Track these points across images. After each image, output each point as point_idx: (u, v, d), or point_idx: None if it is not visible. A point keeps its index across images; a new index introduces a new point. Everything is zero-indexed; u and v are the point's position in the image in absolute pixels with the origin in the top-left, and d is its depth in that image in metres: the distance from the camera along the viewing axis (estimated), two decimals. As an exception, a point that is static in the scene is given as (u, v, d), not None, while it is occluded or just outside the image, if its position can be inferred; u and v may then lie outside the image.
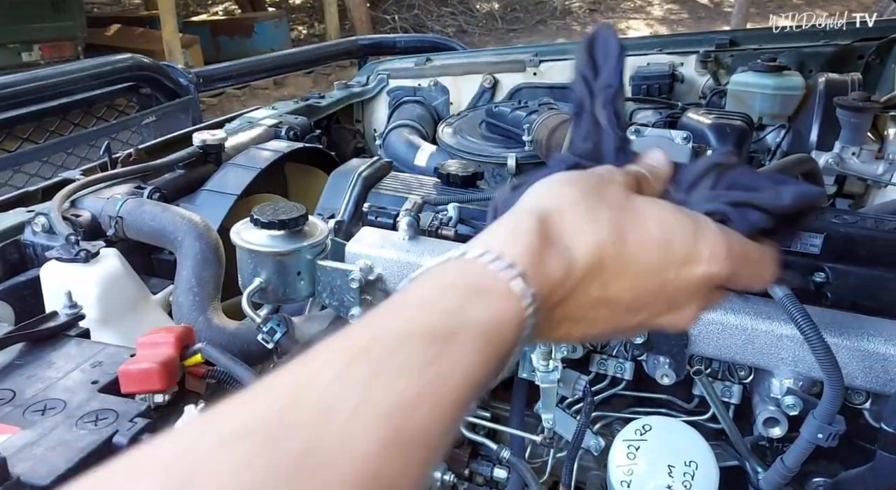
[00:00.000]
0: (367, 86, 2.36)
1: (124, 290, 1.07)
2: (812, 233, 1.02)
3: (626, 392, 1.07)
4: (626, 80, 2.08)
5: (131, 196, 1.22)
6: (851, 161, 1.52)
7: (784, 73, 1.71)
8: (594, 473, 1.10)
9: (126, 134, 1.98)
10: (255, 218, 1.02)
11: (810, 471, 1.00)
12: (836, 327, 0.87)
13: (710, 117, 1.47)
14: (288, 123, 1.71)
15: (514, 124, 1.80)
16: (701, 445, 0.94)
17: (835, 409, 0.81)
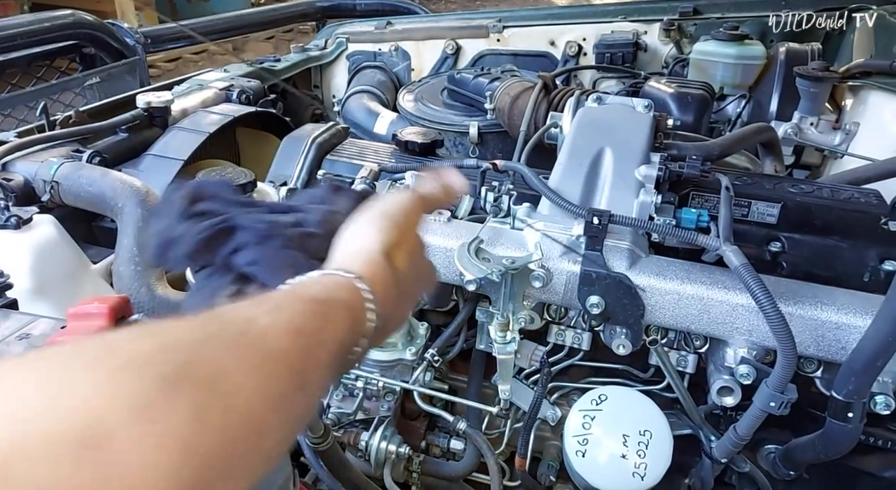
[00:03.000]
0: (326, 50, 2.28)
1: (60, 259, 1.01)
2: (769, 202, 1.02)
3: (584, 363, 1.07)
4: (589, 48, 2.07)
5: (68, 160, 1.15)
6: (809, 131, 1.52)
7: (745, 42, 1.70)
8: (551, 443, 1.09)
9: (69, 96, 1.87)
10: (199, 183, 0.97)
11: (762, 438, 1.02)
12: (790, 297, 0.87)
13: (672, 86, 1.46)
14: (240, 87, 1.63)
15: (476, 92, 1.76)
16: (655, 415, 0.94)
17: (787, 378, 0.81)
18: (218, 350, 0.35)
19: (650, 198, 0.96)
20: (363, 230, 0.55)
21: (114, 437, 0.28)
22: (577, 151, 1.04)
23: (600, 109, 1.15)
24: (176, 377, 0.32)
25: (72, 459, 0.27)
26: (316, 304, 0.44)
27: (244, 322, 0.38)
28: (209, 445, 0.32)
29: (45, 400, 0.28)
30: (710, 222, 0.95)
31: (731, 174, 1.07)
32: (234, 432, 0.34)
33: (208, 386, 0.33)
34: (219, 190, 0.63)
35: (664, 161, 0.99)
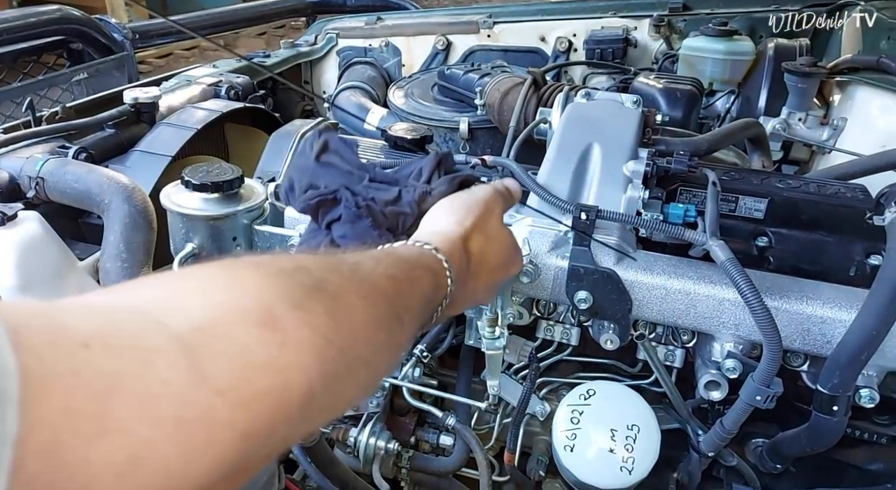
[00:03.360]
0: (316, 46, 2.27)
1: (46, 256, 1.00)
2: (756, 197, 1.02)
3: (573, 358, 1.07)
4: (579, 44, 2.07)
5: (54, 156, 1.14)
6: (798, 127, 1.53)
7: (734, 37, 1.71)
8: (540, 438, 1.10)
9: (56, 92, 1.85)
10: (186, 180, 0.96)
11: (750, 432, 1.02)
12: (776, 291, 0.87)
13: (661, 82, 1.46)
14: (229, 82, 1.62)
15: (466, 87, 1.75)
16: (643, 409, 0.94)
17: (773, 372, 0.82)
18: (337, 276, 0.44)
19: (638, 193, 0.96)
20: (445, 215, 0.65)
21: (280, 318, 0.37)
22: (566, 147, 1.04)
23: (589, 105, 1.15)
24: (313, 287, 0.40)
25: (256, 332, 0.35)
26: (405, 262, 0.54)
27: (353, 263, 0.48)
28: (340, 341, 0.40)
29: (227, 289, 0.37)
30: (698, 217, 0.95)
31: (719, 169, 1.07)
32: (354, 338, 0.42)
33: (334, 298, 0.41)
34: (343, 150, 0.77)
35: (652, 156, 0.99)
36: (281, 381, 0.35)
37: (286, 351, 0.36)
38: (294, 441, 0.43)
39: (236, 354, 0.34)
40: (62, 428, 0.26)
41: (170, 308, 0.34)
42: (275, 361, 0.35)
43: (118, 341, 0.30)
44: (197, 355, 0.32)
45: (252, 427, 0.33)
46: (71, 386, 0.27)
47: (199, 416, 0.31)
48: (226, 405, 0.32)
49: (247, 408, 0.33)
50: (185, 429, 0.30)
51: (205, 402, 0.31)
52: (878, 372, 0.86)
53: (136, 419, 0.28)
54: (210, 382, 0.32)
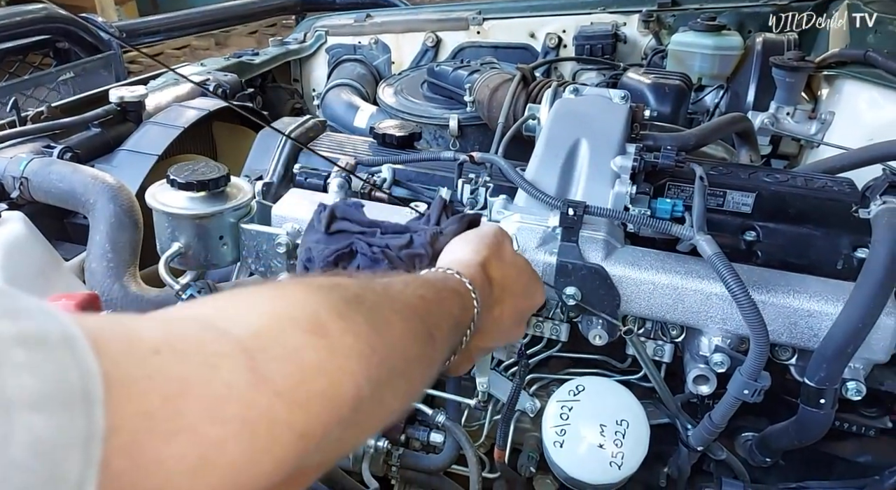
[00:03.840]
0: (305, 43, 2.26)
1: (31, 256, 0.99)
2: (744, 192, 1.02)
3: (562, 353, 1.07)
4: (569, 40, 2.07)
5: (38, 155, 1.13)
6: (786, 121, 1.53)
7: (723, 32, 1.71)
8: (531, 435, 1.09)
9: (43, 92, 1.84)
10: (171, 178, 0.96)
11: (740, 426, 1.02)
12: (763, 285, 0.87)
13: (650, 77, 1.46)
14: (216, 81, 1.61)
15: (455, 84, 1.75)
16: (632, 404, 0.94)
17: (760, 366, 0.82)
18: (371, 293, 0.47)
19: (625, 188, 0.96)
20: (461, 247, 0.69)
21: (327, 326, 0.39)
22: (553, 143, 1.04)
23: (577, 101, 1.15)
24: (353, 301, 0.43)
25: (307, 338, 0.38)
26: (431, 285, 0.56)
27: (384, 283, 0.51)
28: (381, 350, 0.42)
29: (276, 300, 0.40)
30: (685, 212, 0.95)
31: (707, 164, 1.07)
32: (392, 348, 0.44)
33: (371, 311, 0.44)
34: (351, 213, 0.82)
35: (639, 152, 0.99)
36: (332, 384, 0.37)
37: (335, 355, 0.38)
38: (344, 447, 0.43)
39: (291, 358, 0.36)
40: (140, 429, 0.28)
41: (227, 317, 0.37)
42: (326, 365, 0.38)
43: (185, 347, 0.32)
44: (256, 359, 0.34)
45: (309, 427, 0.35)
46: (146, 390, 0.29)
47: (261, 416, 0.33)
48: (284, 405, 0.34)
49: (304, 408, 0.35)
50: (249, 428, 0.32)
51: (266, 403, 0.33)
52: (864, 364, 0.87)
53: (205, 419, 0.30)
54: (269, 384, 0.34)
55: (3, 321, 0.25)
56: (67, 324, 0.27)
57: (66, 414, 0.25)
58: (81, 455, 0.25)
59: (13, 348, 0.24)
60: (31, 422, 0.23)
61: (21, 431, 0.23)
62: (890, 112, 1.41)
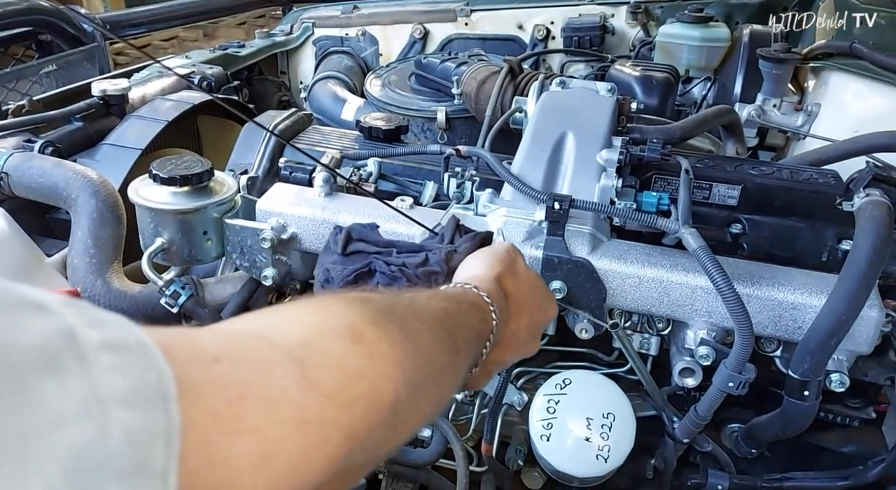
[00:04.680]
0: (292, 35, 2.24)
1: (11, 252, 0.98)
2: (730, 184, 1.02)
3: (549, 347, 1.07)
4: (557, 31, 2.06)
5: (19, 150, 1.11)
6: (772, 113, 1.53)
7: (710, 24, 1.71)
8: (519, 428, 1.10)
9: (25, 84, 1.81)
10: (154, 173, 0.94)
11: (726, 418, 1.03)
12: (748, 278, 0.87)
13: (637, 69, 1.46)
14: (201, 73, 1.60)
15: (443, 76, 1.74)
16: (619, 397, 0.94)
17: (744, 358, 0.82)
18: (400, 306, 0.49)
19: (611, 182, 0.96)
20: (476, 264, 0.71)
21: (365, 335, 0.42)
22: (540, 136, 1.04)
23: (563, 93, 1.15)
24: (385, 312, 0.45)
25: (348, 345, 0.41)
26: (452, 298, 0.58)
27: (409, 297, 0.52)
28: (413, 357, 0.45)
29: (316, 313, 0.43)
30: (671, 205, 0.95)
31: (693, 157, 1.07)
32: (424, 356, 0.47)
33: (402, 322, 0.46)
34: (367, 234, 0.85)
35: (625, 145, 0.99)
36: (374, 387, 0.41)
37: (375, 361, 0.42)
38: (384, 449, 0.45)
39: (336, 364, 0.39)
40: (209, 428, 0.31)
41: (275, 328, 0.40)
42: (367, 370, 0.41)
43: (242, 356, 0.35)
44: (305, 365, 0.37)
45: (355, 429, 0.38)
46: (212, 393, 0.32)
47: (314, 417, 0.36)
48: (333, 408, 0.37)
49: (350, 410, 0.38)
50: (303, 429, 0.35)
51: (317, 405, 0.36)
52: (848, 356, 0.87)
53: (265, 420, 0.33)
54: (319, 388, 0.37)
55: (90, 330, 0.27)
56: (140, 332, 0.30)
57: (150, 409, 0.28)
58: (164, 446, 0.28)
59: (101, 353, 0.27)
60: (122, 416, 0.26)
61: (115, 424, 0.26)
62: (875, 103, 1.42)
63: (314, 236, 1.02)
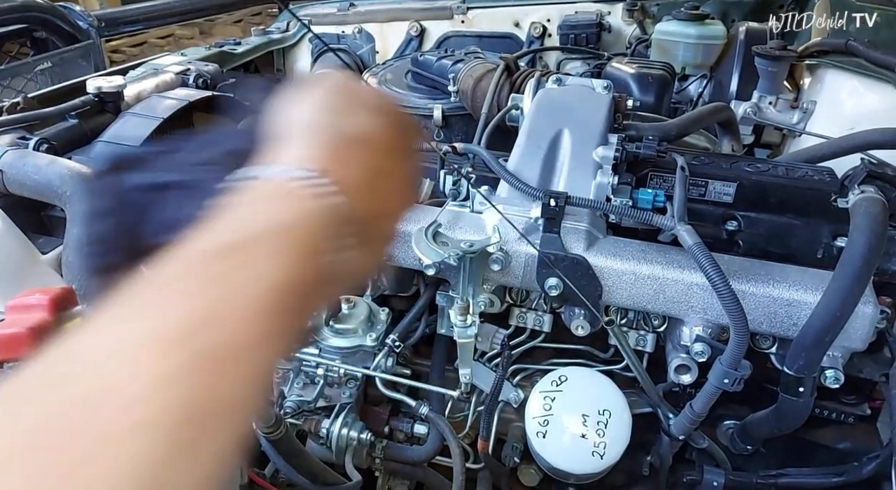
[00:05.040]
0: (288, 32, 2.23)
1: (6, 250, 0.98)
2: (726, 181, 1.02)
3: (545, 344, 1.07)
4: (553, 29, 2.06)
5: (13, 147, 1.11)
6: (768, 110, 1.54)
7: (706, 21, 1.71)
8: (515, 425, 1.10)
9: (20, 82, 1.81)
10: (149, 170, 0.94)
11: (722, 414, 1.03)
12: (743, 274, 0.88)
13: (633, 67, 1.46)
14: (197, 70, 1.59)
15: (439, 74, 1.73)
16: (615, 394, 0.94)
17: (740, 355, 0.82)
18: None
19: (607, 179, 0.96)
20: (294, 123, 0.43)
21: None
22: (536, 133, 1.04)
23: (559, 91, 1.15)
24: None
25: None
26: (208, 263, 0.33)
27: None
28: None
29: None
30: (667, 202, 0.95)
31: (689, 154, 1.07)
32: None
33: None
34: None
35: (621, 142, 0.99)
36: None
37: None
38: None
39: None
40: None
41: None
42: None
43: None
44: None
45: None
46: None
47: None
48: None
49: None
50: None
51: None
52: (843, 353, 0.87)
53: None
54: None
55: None
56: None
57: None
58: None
59: None
60: None
61: None
62: (871, 101, 1.42)
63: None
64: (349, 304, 1.02)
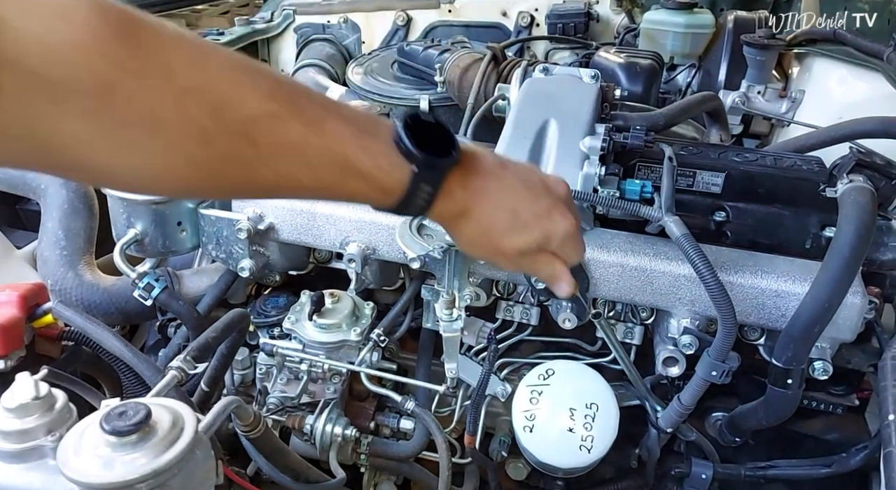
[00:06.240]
0: (272, 22, 2.20)
1: (-21, 246, 0.95)
2: (714, 171, 1.01)
3: (533, 337, 1.06)
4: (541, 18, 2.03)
5: (-14, 140, 1.08)
6: (757, 100, 1.52)
7: (695, 10, 1.69)
8: (503, 419, 1.09)
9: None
10: (125, 163, 0.92)
11: (710, 406, 1.02)
12: (731, 266, 0.87)
13: (621, 56, 1.44)
14: (178, 61, 1.56)
15: (425, 64, 1.71)
16: (602, 387, 0.93)
17: (727, 347, 0.81)
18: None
19: (594, 169, 0.94)
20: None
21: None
22: (522, 123, 1.02)
23: (546, 80, 1.13)
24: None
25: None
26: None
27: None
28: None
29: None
30: (654, 193, 0.94)
31: (677, 144, 1.06)
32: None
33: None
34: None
35: (609, 132, 0.97)
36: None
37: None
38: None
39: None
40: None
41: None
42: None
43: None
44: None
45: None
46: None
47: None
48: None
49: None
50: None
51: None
52: (831, 344, 0.87)
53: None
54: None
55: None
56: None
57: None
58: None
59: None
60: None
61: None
62: (859, 89, 1.41)
63: (292, 227, 1.00)
64: (333, 298, 1.00)
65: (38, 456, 0.53)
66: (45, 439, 0.53)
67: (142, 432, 0.49)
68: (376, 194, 0.52)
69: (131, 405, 0.50)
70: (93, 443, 0.49)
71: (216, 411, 0.56)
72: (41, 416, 0.54)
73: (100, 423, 0.48)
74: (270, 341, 0.97)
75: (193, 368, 0.69)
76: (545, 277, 0.66)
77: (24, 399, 0.53)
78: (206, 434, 0.54)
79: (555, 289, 0.66)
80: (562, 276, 0.65)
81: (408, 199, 0.53)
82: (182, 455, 0.49)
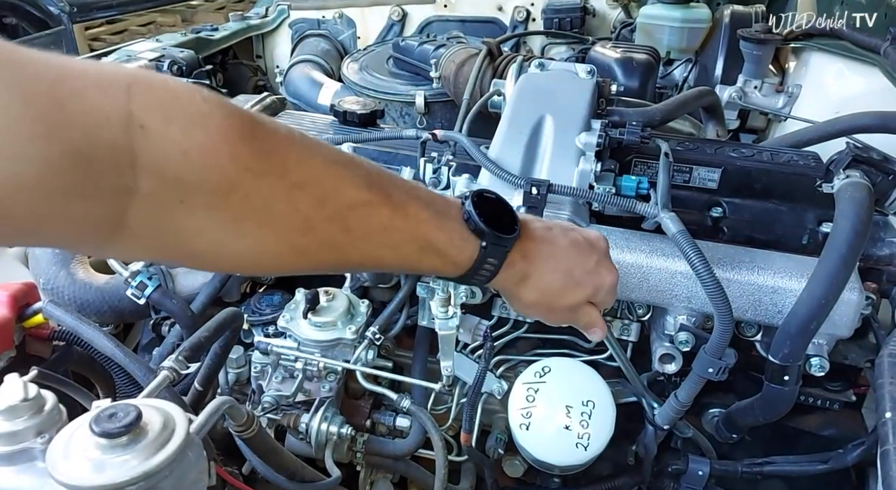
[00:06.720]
0: (267, 18, 2.19)
1: (-30, 246, 0.94)
2: (710, 167, 1.01)
3: (529, 334, 1.05)
4: (537, 13, 2.03)
5: (-23, 138, 1.07)
6: (753, 95, 1.52)
7: (691, 5, 1.69)
8: (499, 416, 1.08)
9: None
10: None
11: (707, 403, 1.02)
12: (727, 262, 0.86)
13: (618, 51, 1.43)
14: (172, 57, 1.55)
15: (421, 59, 1.70)
16: (598, 384, 0.93)
17: (724, 344, 0.81)
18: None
19: (590, 166, 0.94)
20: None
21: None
22: (518, 119, 1.02)
23: (542, 76, 1.12)
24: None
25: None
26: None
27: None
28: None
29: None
30: (650, 189, 0.93)
31: (673, 140, 1.06)
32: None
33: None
34: None
35: (605, 128, 0.97)
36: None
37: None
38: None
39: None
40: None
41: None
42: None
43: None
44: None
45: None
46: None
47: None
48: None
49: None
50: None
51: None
52: (828, 340, 0.86)
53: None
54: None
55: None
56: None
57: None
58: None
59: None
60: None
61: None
62: (856, 84, 1.41)
63: (287, 224, 0.99)
64: (328, 296, 1.00)
65: (27, 458, 0.52)
66: (35, 441, 0.52)
67: (132, 434, 0.48)
68: (448, 268, 0.57)
69: (121, 407, 0.49)
70: (82, 445, 0.48)
71: (208, 412, 0.56)
72: (30, 417, 0.53)
73: (90, 424, 0.48)
74: (265, 340, 0.97)
75: (185, 368, 0.69)
76: (583, 325, 0.69)
77: (12, 401, 0.53)
78: (198, 435, 0.53)
79: (589, 334, 0.70)
80: (597, 322, 0.69)
81: (475, 271, 0.58)
82: (173, 456, 0.49)
